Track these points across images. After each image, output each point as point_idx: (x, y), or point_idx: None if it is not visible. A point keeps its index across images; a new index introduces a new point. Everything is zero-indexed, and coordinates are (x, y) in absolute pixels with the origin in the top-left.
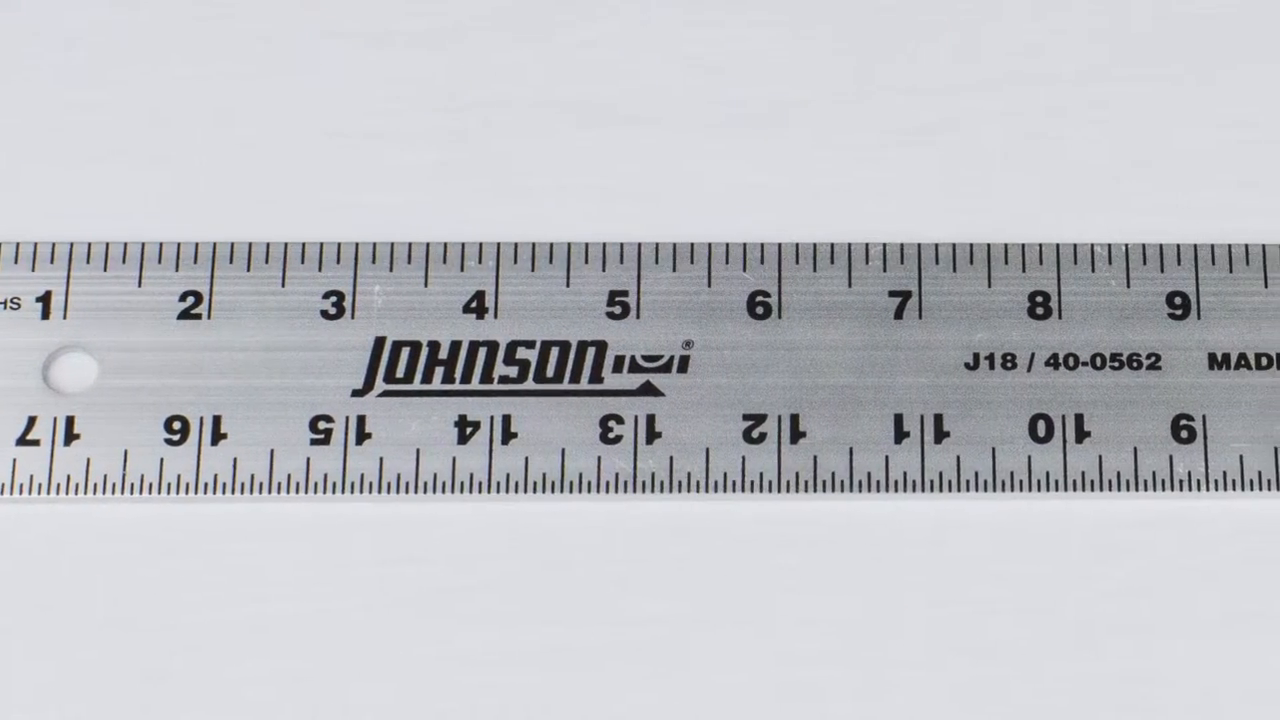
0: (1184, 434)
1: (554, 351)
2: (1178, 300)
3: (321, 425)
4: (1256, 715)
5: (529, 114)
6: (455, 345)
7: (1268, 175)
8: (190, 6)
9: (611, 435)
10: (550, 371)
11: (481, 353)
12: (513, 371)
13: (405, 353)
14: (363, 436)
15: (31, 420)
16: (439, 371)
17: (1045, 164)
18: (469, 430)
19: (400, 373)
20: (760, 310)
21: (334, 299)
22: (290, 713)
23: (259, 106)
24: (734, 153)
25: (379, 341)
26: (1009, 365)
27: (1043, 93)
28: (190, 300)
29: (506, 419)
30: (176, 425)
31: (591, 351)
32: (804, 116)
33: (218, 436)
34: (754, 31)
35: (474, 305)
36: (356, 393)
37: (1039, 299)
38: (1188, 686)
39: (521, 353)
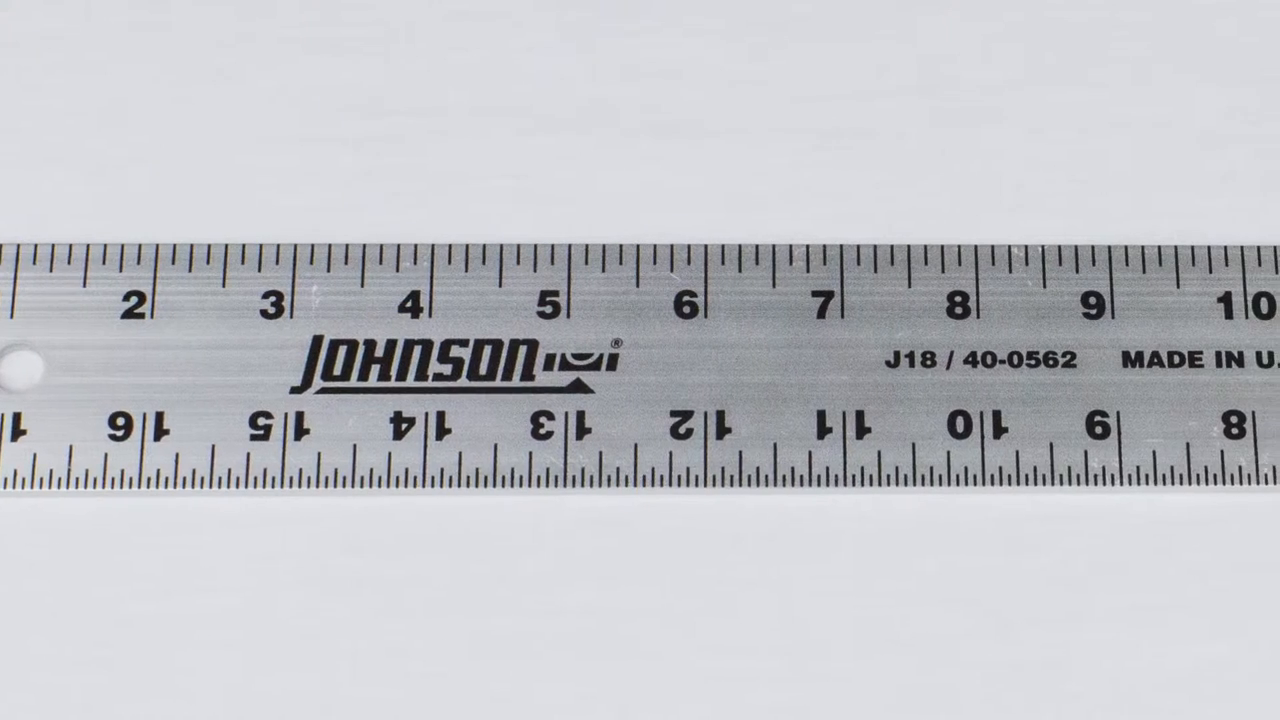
0: (1098, 430)
1: (487, 350)
2: (1092, 300)
3: (261, 421)
4: (1168, 701)
5: (462, 119)
6: (391, 344)
7: (1179, 179)
8: (130, 15)
9: (542, 431)
10: (483, 369)
11: (416, 351)
12: (447, 369)
13: (342, 351)
14: (301, 432)
15: None
16: (375, 369)
17: (963, 168)
18: (404, 426)
19: (337, 370)
20: (687, 310)
21: (273, 299)
22: (230, 701)
23: (199, 112)
24: (661, 157)
25: (317, 340)
26: (928, 363)
27: (959, 99)
28: (134, 300)
29: (441, 415)
30: (120, 421)
31: (523, 350)
32: (728, 122)
33: (160, 432)
34: (680, 39)
35: (409, 305)
36: (295, 390)
37: (958, 299)
38: (1103, 674)
39: (455, 351)
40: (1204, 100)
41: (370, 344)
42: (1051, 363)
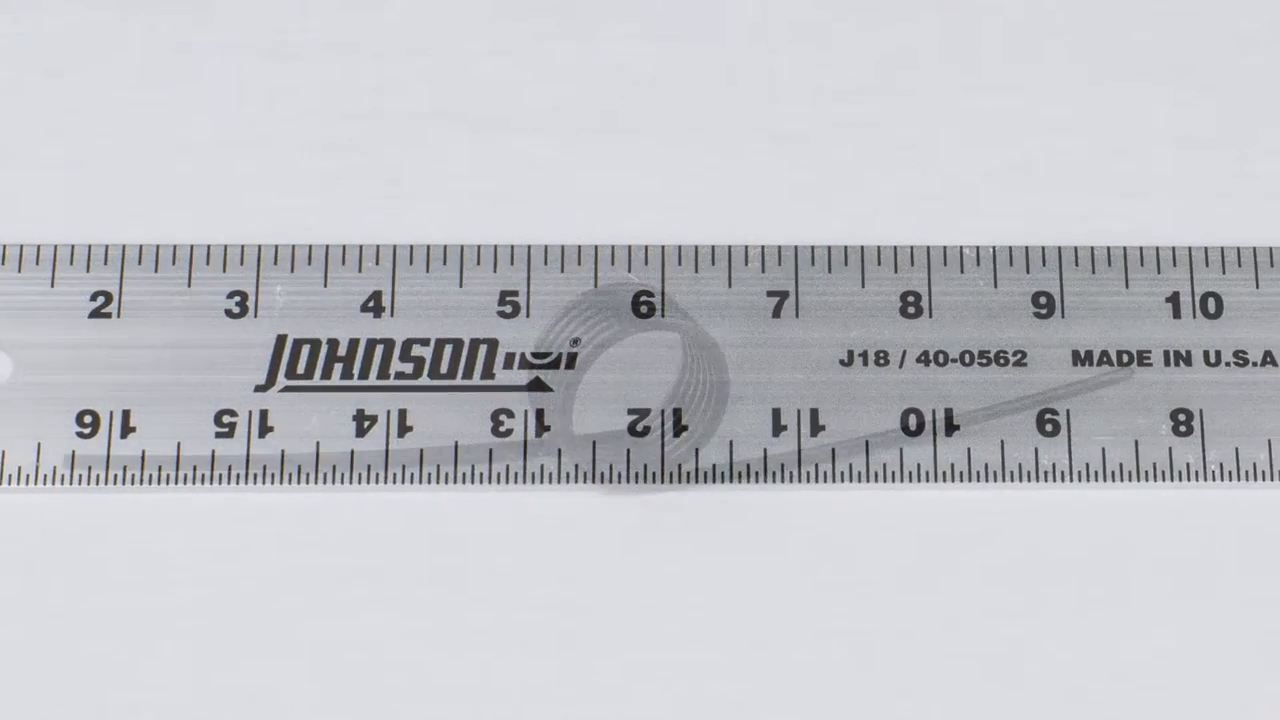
0: (1049, 427)
1: (447, 349)
2: (1043, 300)
3: (226, 419)
4: (1114, 692)
5: (423, 123)
6: (353, 343)
7: (1128, 181)
8: (93, 22)
9: (502, 429)
10: (444, 368)
11: (378, 350)
12: (408, 368)
13: (306, 350)
14: (265, 429)
15: None
16: (338, 368)
17: (916, 170)
18: (366, 423)
19: (301, 369)
20: (645, 310)
21: (238, 299)
22: (199, 693)
23: (165, 117)
24: (619, 160)
25: (280, 339)
26: (882, 362)
27: (911, 102)
28: (101, 300)
29: (402, 413)
30: (88, 419)
31: (483, 349)
32: (685, 124)
33: (127, 429)
34: (638, 44)
35: (371, 304)
36: (259, 388)
37: (910, 299)
38: (1054, 667)
39: (417, 350)
40: (1154, 103)
41: (333, 343)
42: (1002, 361)
